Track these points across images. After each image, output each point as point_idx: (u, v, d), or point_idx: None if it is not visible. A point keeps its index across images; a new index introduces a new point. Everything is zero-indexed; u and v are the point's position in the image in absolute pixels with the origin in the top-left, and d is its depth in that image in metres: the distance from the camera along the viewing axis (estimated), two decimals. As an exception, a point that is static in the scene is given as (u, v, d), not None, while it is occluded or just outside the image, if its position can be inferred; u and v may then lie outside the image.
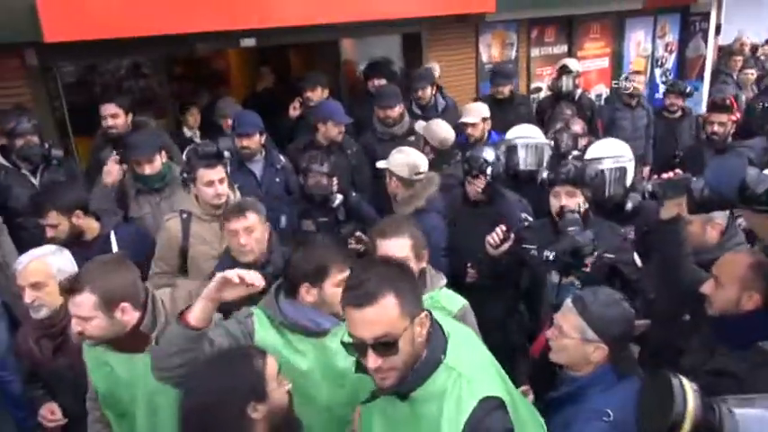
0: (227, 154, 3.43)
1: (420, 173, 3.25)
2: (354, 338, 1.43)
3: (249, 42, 4.81)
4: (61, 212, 2.91)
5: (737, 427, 1.31)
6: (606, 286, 2.17)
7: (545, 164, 3.69)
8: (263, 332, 1.94)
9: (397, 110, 4.35)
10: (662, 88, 8.01)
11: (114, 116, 3.93)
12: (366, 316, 1.39)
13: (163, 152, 3.49)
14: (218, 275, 1.72)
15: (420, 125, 4.20)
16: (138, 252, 2.88)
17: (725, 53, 8.54)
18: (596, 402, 1.84)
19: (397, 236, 2.22)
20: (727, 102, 4.54)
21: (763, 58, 8.46)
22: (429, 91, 4.88)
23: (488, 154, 3.25)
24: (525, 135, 3.79)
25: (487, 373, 1.55)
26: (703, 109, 6.47)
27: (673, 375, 1.41)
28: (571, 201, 2.82)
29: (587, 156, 3.35)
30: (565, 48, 6.94)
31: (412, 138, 4.31)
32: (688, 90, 5.63)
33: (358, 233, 3.36)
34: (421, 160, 3.31)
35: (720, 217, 2.57)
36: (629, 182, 3.28)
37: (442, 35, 5.97)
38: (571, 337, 1.91)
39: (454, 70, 6.10)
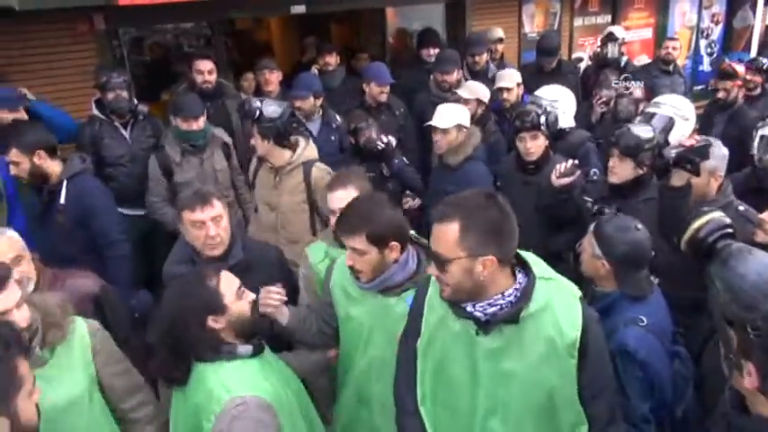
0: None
1: (463, 126, 3.50)
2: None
3: (299, 9, 4.94)
4: (22, 151, 2.97)
5: None
6: None
7: (568, 123, 3.77)
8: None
9: (455, 75, 4.49)
10: (707, 60, 7.92)
11: (210, 72, 4.22)
12: (435, 231, 1.59)
13: (204, 116, 3.74)
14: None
15: (462, 94, 4.23)
16: (85, 209, 3.03)
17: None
18: (629, 311, 2.08)
19: (344, 188, 2.40)
20: (730, 70, 4.67)
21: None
22: (485, 56, 4.97)
23: (538, 108, 3.35)
24: (549, 95, 3.81)
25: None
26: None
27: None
28: (620, 164, 2.89)
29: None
30: (608, 17, 6.89)
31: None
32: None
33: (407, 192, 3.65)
34: (464, 112, 3.59)
35: (722, 170, 2.67)
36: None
37: (486, 4, 6.01)
38: (586, 250, 2.22)
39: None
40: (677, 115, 3.33)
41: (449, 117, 3.43)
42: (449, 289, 1.61)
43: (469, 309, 1.62)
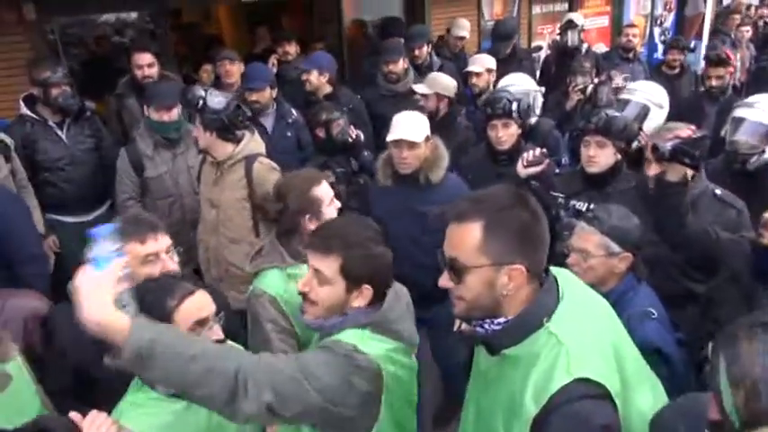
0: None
1: (429, 136, 2.91)
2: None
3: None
4: None
5: None
6: None
7: (537, 111, 3.70)
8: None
9: (401, 64, 4.25)
10: (661, 48, 8.00)
11: (150, 65, 3.92)
12: (452, 232, 1.34)
13: (180, 106, 3.41)
14: None
15: (420, 88, 4.00)
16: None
17: (722, 12, 8.53)
18: (635, 306, 1.97)
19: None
20: (723, 56, 4.61)
21: (757, 19, 8.47)
22: (425, 49, 4.76)
23: (509, 95, 3.19)
24: (514, 83, 3.73)
25: (600, 355, 1.30)
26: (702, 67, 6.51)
27: None
28: (601, 151, 2.80)
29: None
30: (566, 5, 6.87)
31: (417, 96, 4.23)
32: (692, 45, 5.64)
33: None
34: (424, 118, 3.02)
35: None
36: None
37: (445, -8, 5.86)
38: (597, 255, 2.02)
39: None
40: (652, 102, 3.25)
41: (418, 128, 2.85)
42: (463, 305, 1.35)
43: (478, 328, 1.38)
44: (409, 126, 2.84)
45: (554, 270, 1.41)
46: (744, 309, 2.10)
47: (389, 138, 2.82)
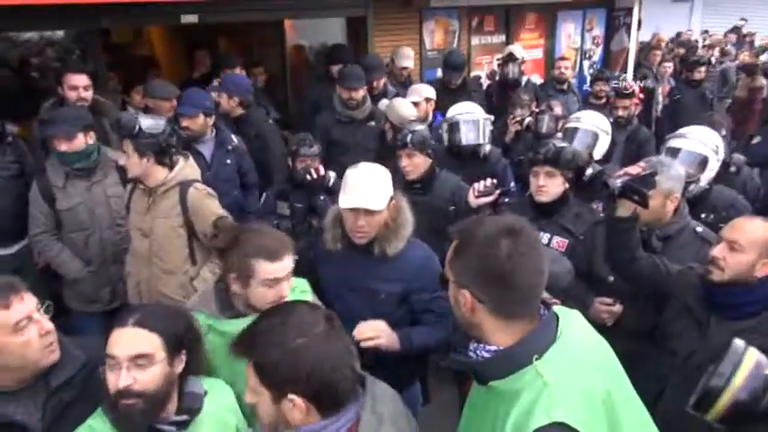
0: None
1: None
2: None
3: (191, 18, 4.51)
4: None
5: None
6: None
7: (487, 138, 3.77)
8: None
9: (362, 92, 4.24)
10: (590, 79, 8.38)
11: (87, 88, 3.68)
12: None
13: (90, 132, 3.18)
14: None
15: (384, 104, 4.11)
16: None
17: (644, 48, 9.09)
18: None
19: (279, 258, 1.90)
20: (628, 88, 4.92)
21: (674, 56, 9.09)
22: (383, 81, 4.83)
23: (414, 125, 3.24)
24: (466, 111, 3.82)
25: (585, 401, 1.25)
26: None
27: (738, 340, 1.41)
28: (550, 181, 2.85)
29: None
30: (503, 37, 7.05)
31: (372, 123, 4.22)
32: (616, 76, 5.94)
33: None
34: (387, 175, 2.42)
35: (678, 191, 2.57)
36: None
37: (387, 20, 5.88)
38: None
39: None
40: (600, 129, 3.34)
41: (379, 190, 2.28)
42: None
43: (470, 345, 1.38)
44: (369, 190, 2.25)
45: (560, 309, 1.38)
46: (697, 339, 2.14)
47: (343, 203, 2.25)
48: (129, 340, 1.48)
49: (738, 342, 1.49)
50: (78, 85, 3.66)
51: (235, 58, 4.95)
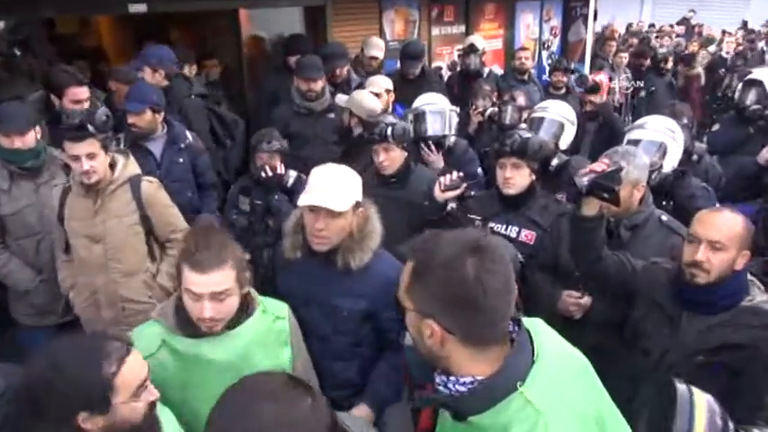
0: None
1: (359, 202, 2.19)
2: None
3: (139, 8, 4.28)
4: None
5: None
6: None
7: (453, 130, 3.70)
8: None
9: (320, 83, 4.09)
10: (548, 69, 8.44)
11: (87, 100, 3.52)
12: None
13: (38, 128, 3.00)
14: None
15: (342, 98, 3.99)
16: None
17: (600, 39, 9.20)
18: None
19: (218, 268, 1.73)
20: (593, 83, 5.00)
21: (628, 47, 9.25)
22: (346, 69, 4.71)
23: (389, 118, 3.15)
24: (432, 102, 3.74)
25: (580, 424, 1.17)
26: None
27: (680, 383, 1.35)
28: (517, 172, 2.80)
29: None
30: (463, 28, 7.00)
31: (331, 115, 4.10)
32: (572, 67, 5.98)
33: None
34: (355, 178, 2.21)
35: (644, 180, 2.56)
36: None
37: (346, 9, 5.75)
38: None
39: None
40: (565, 119, 3.32)
41: (344, 190, 2.09)
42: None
43: (436, 379, 1.24)
44: (332, 189, 2.05)
45: (526, 321, 1.27)
46: (669, 336, 2.10)
47: (302, 201, 2.06)
48: None
49: (681, 388, 1.42)
50: (82, 99, 3.48)
51: (188, 53, 4.75)
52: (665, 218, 2.55)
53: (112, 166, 2.73)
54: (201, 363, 1.79)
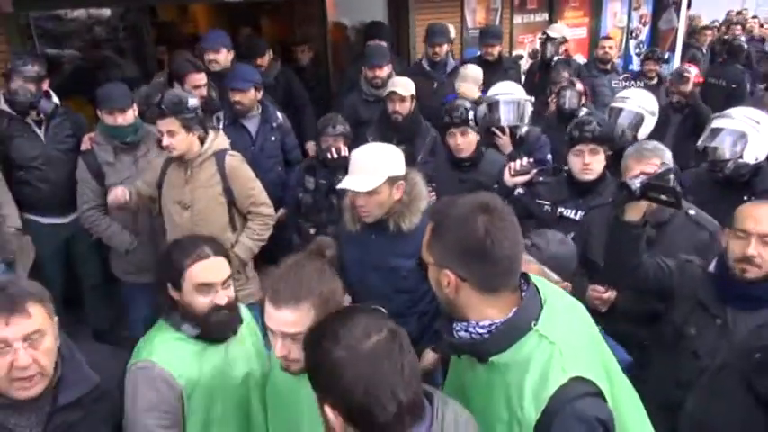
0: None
1: (398, 177, 2.33)
2: None
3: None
4: None
5: None
6: None
7: (526, 120, 3.71)
8: None
9: (386, 70, 4.21)
10: (636, 60, 8.15)
11: (205, 85, 3.75)
12: None
13: (135, 106, 3.30)
14: None
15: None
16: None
17: (692, 29, 8.76)
18: None
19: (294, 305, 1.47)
20: (685, 73, 4.75)
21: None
22: (445, 48, 4.77)
23: (466, 103, 3.23)
24: (506, 92, 3.75)
25: (587, 353, 1.34)
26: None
27: None
28: (594, 158, 2.81)
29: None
30: (546, 16, 6.93)
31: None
32: (666, 57, 5.78)
33: None
34: (393, 154, 2.39)
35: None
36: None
37: (429, -3, 5.85)
38: None
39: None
40: (645, 110, 3.28)
41: (373, 171, 2.25)
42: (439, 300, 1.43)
43: (455, 326, 1.39)
44: (362, 171, 2.26)
45: (533, 277, 1.43)
46: (718, 336, 2.05)
47: (339, 185, 2.34)
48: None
49: None
50: (200, 84, 3.71)
51: (264, 45, 4.84)
52: (692, 212, 2.48)
53: (203, 140, 2.98)
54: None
